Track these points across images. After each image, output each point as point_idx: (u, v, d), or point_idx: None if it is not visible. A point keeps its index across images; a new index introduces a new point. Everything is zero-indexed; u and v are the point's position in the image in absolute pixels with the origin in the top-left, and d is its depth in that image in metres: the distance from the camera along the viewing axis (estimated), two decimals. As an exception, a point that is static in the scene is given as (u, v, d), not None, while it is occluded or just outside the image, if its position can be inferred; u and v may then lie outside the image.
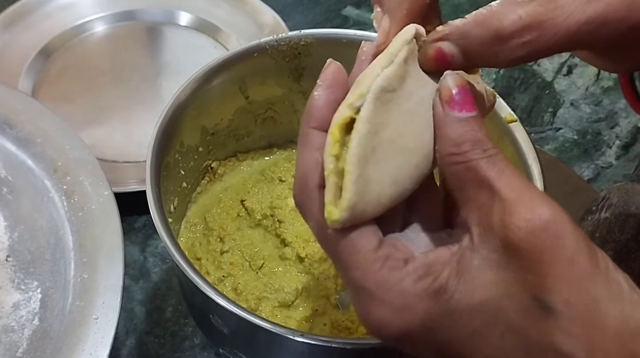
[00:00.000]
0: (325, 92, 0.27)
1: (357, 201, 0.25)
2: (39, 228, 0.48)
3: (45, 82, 0.69)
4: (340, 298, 0.48)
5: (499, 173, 0.25)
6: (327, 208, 0.25)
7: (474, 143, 0.25)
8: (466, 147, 0.25)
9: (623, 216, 0.49)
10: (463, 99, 0.26)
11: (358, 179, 0.25)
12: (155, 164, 0.42)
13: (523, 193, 0.24)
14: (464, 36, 0.27)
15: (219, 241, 0.50)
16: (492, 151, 0.25)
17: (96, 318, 0.40)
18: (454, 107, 0.26)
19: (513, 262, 0.24)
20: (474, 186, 0.25)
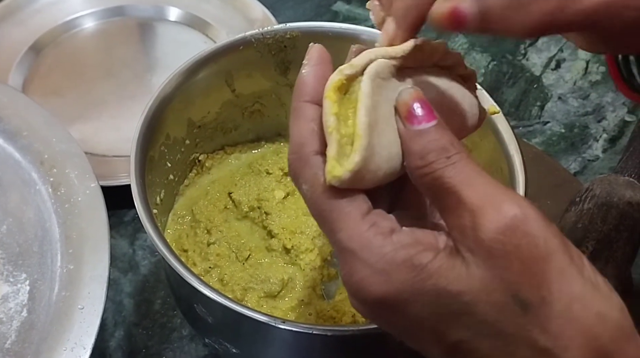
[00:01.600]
0: (313, 69, 0.28)
1: (362, 166, 0.26)
2: (27, 221, 0.48)
3: (35, 77, 0.69)
4: (325, 289, 0.48)
5: (464, 180, 0.25)
6: (329, 163, 0.26)
7: (438, 152, 0.26)
8: (431, 157, 0.26)
9: (605, 207, 0.49)
10: (420, 111, 0.27)
11: (368, 146, 0.26)
12: (140, 156, 0.42)
13: (489, 196, 0.25)
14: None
15: (205, 233, 0.50)
16: (456, 157, 0.26)
17: (81, 308, 0.40)
18: (412, 121, 0.27)
19: (488, 262, 0.24)
20: (443, 194, 0.26)
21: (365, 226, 0.26)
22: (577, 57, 0.76)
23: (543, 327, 0.24)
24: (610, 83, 0.73)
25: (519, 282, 0.24)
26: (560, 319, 0.24)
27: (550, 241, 0.24)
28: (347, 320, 0.44)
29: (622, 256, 0.48)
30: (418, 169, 0.26)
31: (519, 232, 0.24)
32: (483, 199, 0.25)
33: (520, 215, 0.24)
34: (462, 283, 0.25)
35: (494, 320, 0.24)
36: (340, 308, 0.45)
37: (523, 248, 0.24)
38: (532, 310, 0.24)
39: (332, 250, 0.50)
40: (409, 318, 0.26)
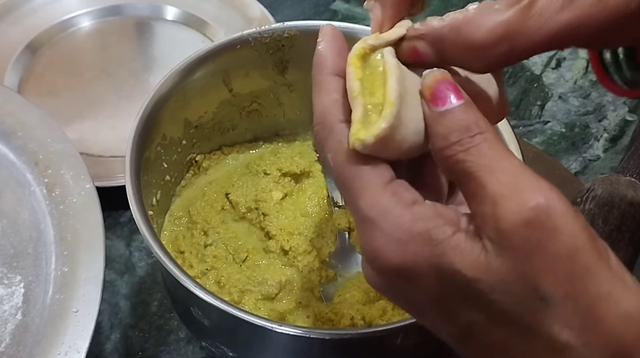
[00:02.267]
0: (329, 44, 0.28)
1: (388, 134, 0.26)
2: (22, 222, 0.48)
3: (31, 77, 0.69)
4: (324, 291, 0.48)
5: (487, 164, 0.24)
6: (354, 126, 0.26)
7: (460, 131, 0.25)
8: (453, 138, 0.25)
9: (607, 208, 0.49)
10: (444, 92, 0.26)
11: (397, 114, 0.26)
12: (135, 157, 0.42)
13: (512, 184, 0.24)
14: (439, 39, 0.27)
15: (202, 234, 0.50)
16: (479, 137, 0.25)
17: (76, 311, 0.40)
18: (437, 103, 0.26)
19: (509, 253, 0.23)
20: (465, 179, 0.25)
21: (386, 195, 0.25)
22: (578, 56, 0.75)
23: (564, 322, 0.23)
24: (611, 82, 0.72)
25: (541, 277, 0.23)
26: (584, 317, 0.23)
27: (577, 237, 0.23)
28: (346, 323, 0.44)
29: (623, 257, 0.47)
30: (441, 151, 0.25)
31: (543, 226, 0.23)
32: (505, 187, 0.24)
33: (544, 206, 0.23)
34: (479, 270, 0.24)
35: (510, 310, 0.24)
36: (339, 311, 0.45)
37: (547, 243, 0.23)
38: (553, 306, 0.23)
39: (330, 251, 0.49)
40: (423, 292, 0.25)
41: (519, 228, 0.23)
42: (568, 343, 0.23)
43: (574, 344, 0.23)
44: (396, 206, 0.25)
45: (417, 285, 0.25)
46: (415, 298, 0.26)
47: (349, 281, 0.47)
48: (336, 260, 0.49)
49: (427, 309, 0.26)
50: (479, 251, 0.24)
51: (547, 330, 0.24)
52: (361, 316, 0.44)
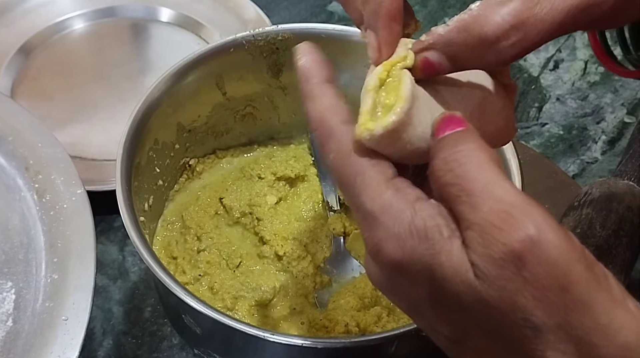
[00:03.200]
0: (309, 57, 0.28)
1: (397, 128, 0.26)
2: (12, 228, 0.47)
3: (24, 80, 0.68)
4: (318, 297, 0.47)
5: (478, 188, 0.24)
6: (363, 116, 0.26)
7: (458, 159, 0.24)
8: (451, 165, 0.24)
9: (604, 212, 0.48)
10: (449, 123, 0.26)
11: (408, 111, 0.26)
12: (126, 162, 0.41)
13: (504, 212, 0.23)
14: (449, 44, 0.27)
15: (196, 239, 0.49)
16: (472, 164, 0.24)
17: (65, 320, 0.39)
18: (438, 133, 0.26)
19: (498, 283, 0.23)
20: (456, 203, 0.24)
21: (389, 191, 0.25)
22: (576, 58, 0.74)
23: (557, 348, 0.23)
24: (609, 84, 0.72)
25: (532, 307, 0.23)
26: (578, 345, 0.23)
27: (571, 269, 0.22)
28: (340, 330, 0.43)
29: (621, 262, 0.47)
30: (439, 179, 0.25)
31: (535, 260, 0.22)
32: (495, 217, 0.23)
33: (536, 238, 0.22)
34: (465, 286, 0.23)
35: (498, 332, 0.23)
36: (333, 318, 0.44)
37: (539, 276, 0.22)
38: (545, 334, 0.23)
39: (325, 257, 0.49)
40: (419, 290, 0.25)
41: (509, 260, 0.22)
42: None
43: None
44: (398, 202, 0.25)
45: (414, 283, 0.25)
46: (412, 296, 0.26)
47: (343, 287, 0.47)
48: (331, 266, 0.49)
49: (423, 309, 0.26)
50: (468, 267, 0.23)
51: (540, 355, 0.23)
52: (356, 323, 0.44)
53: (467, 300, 0.23)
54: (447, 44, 0.27)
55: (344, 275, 0.48)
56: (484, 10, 0.26)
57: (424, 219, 0.24)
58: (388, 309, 0.45)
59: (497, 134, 0.30)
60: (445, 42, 0.27)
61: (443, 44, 0.27)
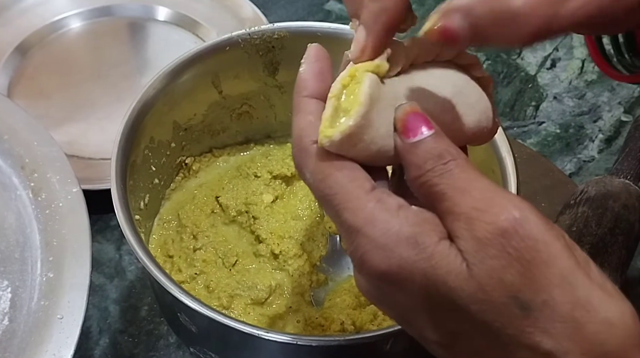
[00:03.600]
0: (310, 66, 0.28)
1: (354, 131, 0.26)
2: (8, 226, 0.47)
3: (21, 79, 0.68)
4: (314, 295, 0.47)
5: (460, 186, 0.25)
6: (322, 123, 0.26)
7: (434, 160, 0.26)
8: (427, 166, 0.26)
9: (600, 210, 0.48)
10: (415, 123, 0.27)
11: (364, 114, 0.26)
12: (121, 161, 0.41)
13: (486, 200, 0.24)
14: (474, 14, 0.26)
15: (192, 238, 0.49)
16: (452, 164, 0.26)
17: (61, 318, 0.39)
18: (408, 134, 0.27)
19: (486, 263, 0.24)
20: (439, 199, 0.25)
21: (370, 203, 0.25)
22: (573, 57, 0.74)
23: (544, 330, 0.23)
24: (606, 82, 0.72)
25: (519, 284, 0.23)
26: (563, 323, 0.23)
27: (553, 245, 0.24)
28: (336, 328, 0.43)
29: (617, 260, 0.47)
30: (416, 179, 0.26)
31: (518, 235, 0.24)
32: (480, 203, 0.24)
33: (519, 218, 0.24)
34: (460, 278, 0.24)
35: (491, 320, 0.24)
36: (329, 316, 0.44)
37: (523, 251, 0.23)
38: (534, 313, 0.23)
39: (321, 255, 0.49)
40: (409, 298, 0.25)
41: (494, 238, 0.24)
42: (550, 351, 0.23)
43: (556, 352, 0.23)
44: (381, 213, 0.25)
45: (403, 291, 0.25)
46: (402, 305, 0.26)
47: (339, 286, 0.47)
48: (327, 264, 0.49)
49: (412, 316, 0.26)
50: (460, 261, 0.24)
51: (528, 339, 0.24)
52: (351, 321, 0.44)
53: (462, 295, 0.24)
54: (469, 12, 0.26)
55: (340, 273, 0.48)
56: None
57: (411, 226, 0.25)
58: (384, 307, 0.45)
59: (475, 128, 0.30)
60: (469, 10, 0.26)
61: (465, 12, 0.26)
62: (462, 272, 0.24)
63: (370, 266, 0.25)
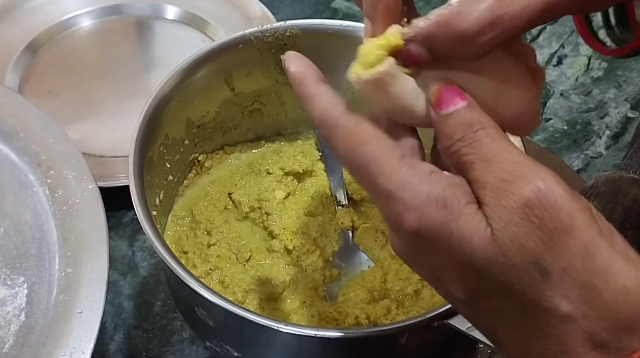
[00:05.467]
0: (297, 63, 0.29)
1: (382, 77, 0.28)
2: (24, 223, 0.47)
3: (31, 77, 0.69)
4: (328, 290, 0.48)
5: (488, 156, 0.26)
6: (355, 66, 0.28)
7: (464, 129, 0.27)
8: (457, 136, 0.27)
9: (610, 205, 0.49)
10: (448, 96, 0.28)
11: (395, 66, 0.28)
12: (138, 157, 0.42)
13: (513, 171, 0.25)
14: (429, 37, 0.27)
15: (205, 234, 0.49)
16: (482, 132, 0.27)
17: (80, 312, 0.39)
18: (441, 107, 0.28)
19: (510, 229, 0.25)
20: (468, 168, 0.27)
21: (403, 168, 0.27)
22: (579, 53, 0.75)
23: (564, 294, 0.24)
24: (612, 79, 0.72)
25: (540, 251, 0.24)
26: (581, 290, 0.24)
27: (575, 216, 0.25)
28: (350, 322, 0.44)
29: (627, 254, 0.47)
30: (447, 149, 0.27)
31: (542, 205, 0.24)
32: (507, 173, 0.25)
33: (544, 189, 0.25)
34: (483, 241, 0.25)
35: (511, 282, 0.25)
36: (343, 310, 0.45)
37: (546, 221, 0.24)
38: (553, 279, 0.24)
39: (334, 250, 0.49)
40: (439, 255, 0.27)
41: (519, 207, 0.25)
42: (568, 314, 0.24)
43: (574, 315, 0.24)
44: (414, 177, 0.26)
45: (433, 249, 0.27)
46: (432, 263, 0.27)
47: (352, 281, 0.47)
48: (340, 259, 0.49)
49: (441, 273, 0.27)
50: (485, 225, 0.25)
51: (547, 302, 0.25)
52: (365, 315, 0.44)
53: (484, 256, 0.25)
54: (427, 38, 0.27)
55: (352, 268, 0.49)
56: (462, 6, 0.27)
57: (442, 189, 0.26)
58: (397, 302, 0.46)
59: (518, 119, 0.30)
60: (425, 35, 0.27)
61: (423, 38, 0.28)
62: (486, 236, 0.25)
63: (404, 226, 0.27)
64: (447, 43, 0.27)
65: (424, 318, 0.36)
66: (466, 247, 0.25)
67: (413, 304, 0.46)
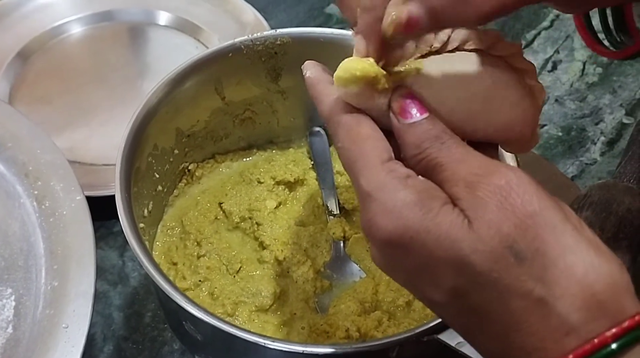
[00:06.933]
0: (314, 69, 0.31)
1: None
2: (12, 234, 0.47)
3: (23, 85, 0.68)
4: (319, 302, 0.47)
5: (459, 158, 0.28)
6: None
7: (431, 140, 0.28)
8: (425, 145, 0.28)
9: (604, 214, 0.48)
10: (412, 106, 0.29)
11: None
12: (125, 169, 0.41)
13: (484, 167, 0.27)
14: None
15: (195, 245, 0.49)
16: (450, 141, 0.28)
17: (66, 327, 0.39)
18: (405, 116, 0.29)
19: (485, 216, 0.26)
20: (437, 170, 0.28)
21: (383, 172, 0.28)
22: (574, 59, 0.74)
23: (538, 277, 0.25)
24: (607, 84, 0.72)
25: (514, 234, 0.25)
26: (554, 268, 0.25)
27: (544, 200, 0.26)
28: (341, 335, 0.43)
29: (621, 265, 0.47)
30: (414, 157, 0.28)
31: (515, 193, 0.26)
32: (477, 169, 0.27)
33: (515, 177, 0.26)
34: (461, 232, 0.26)
35: (489, 269, 0.25)
36: (334, 323, 0.44)
37: (518, 205, 0.26)
38: (527, 261, 0.25)
39: (325, 261, 0.49)
40: (413, 258, 0.27)
41: (493, 195, 0.26)
42: (543, 298, 0.25)
43: (548, 298, 0.25)
44: (392, 181, 0.27)
45: (408, 253, 0.27)
46: (407, 267, 0.28)
47: (344, 292, 0.47)
48: (331, 270, 0.49)
49: (417, 277, 0.28)
50: (462, 218, 0.26)
51: (522, 287, 0.25)
52: (356, 327, 0.44)
53: (463, 245, 0.26)
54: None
55: (344, 279, 0.48)
56: None
57: (418, 192, 0.27)
58: (388, 313, 0.45)
59: (506, 129, 0.30)
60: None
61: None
62: (464, 226, 0.26)
63: (378, 229, 0.27)
64: (449, 5, 0.27)
65: (414, 333, 0.36)
66: (444, 241, 0.26)
67: (404, 316, 0.45)
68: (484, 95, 0.30)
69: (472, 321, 0.27)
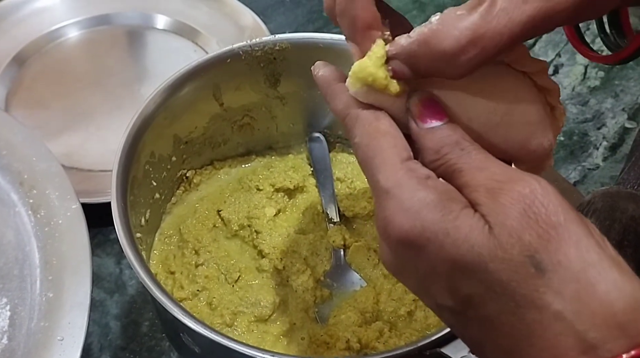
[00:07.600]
0: (326, 68, 0.31)
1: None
2: (7, 243, 0.46)
3: (19, 89, 0.68)
4: (319, 311, 0.46)
5: (480, 165, 0.27)
6: None
7: (451, 145, 0.28)
8: (445, 150, 0.27)
9: (608, 222, 0.47)
10: (431, 110, 0.28)
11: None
12: (122, 178, 0.41)
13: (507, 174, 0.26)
14: (411, 56, 0.28)
15: (193, 253, 0.48)
16: (470, 147, 0.28)
17: (61, 340, 0.38)
18: (424, 120, 0.28)
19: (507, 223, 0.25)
20: (457, 175, 0.27)
21: (402, 170, 0.27)
22: (576, 62, 0.74)
23: (557, 290, 0.24)
24: (609, 88, 0.71)
25: (536, 244, 0.25)
26: (575, 283, 0.24)
27: (569, 213, 0.25)
28: (341, 346, 0.43)
29: (625, 273, 0.46)
30: (433, 162, 0.28)
31: (539, 201, 0.25)
32: (499, 176, 0.26)
33: (540, 189, 0.25)
34: (481, 238, 0.25)
35: (507, 278, 0.25)
36: (334, 333, 0.43)
37: (542, 215, 0.25)
38: (547, 273, 0.24)
39: (325, 270, 0.48)
40: (428, 261, 0.26)
41: (517, 202, 0.25)
42: (560, 312, 0.24)
43: (566, 313, 0.24)
44: (411, 180, 0.27)
45: (422, 255, 0.26)
46: (420, 271, 0.27)
47: (344, 302, 0.46)
48: (331, 279, 0.48)
49: (429, 282, 0.27)
50: (483, 223, 0.25)
51: (540, 299, 0.24)
52: (357, 338, 0.43)
53: (483, 251, 0.25)
54: (408, 56, 0.28)
55: (344, 288, 0.48)
56: (443, 24, 0.27)
57: (438, 193, 0.26)
58: (390, 324, 0.44)
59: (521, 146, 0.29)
60: (406, 54, 0.28)
61: (405, 56, 0.28)
62: (484, 231, 0.25)
63: (393, 227, 0.26)
64: (428, 62, 0.27)
65: (416, 346, 0.35)
66: (463, 245, 0.25)
67: (406, 326, 0.45)
68: (505, 109, 0.29)
69: (483, 332, 0.26)
